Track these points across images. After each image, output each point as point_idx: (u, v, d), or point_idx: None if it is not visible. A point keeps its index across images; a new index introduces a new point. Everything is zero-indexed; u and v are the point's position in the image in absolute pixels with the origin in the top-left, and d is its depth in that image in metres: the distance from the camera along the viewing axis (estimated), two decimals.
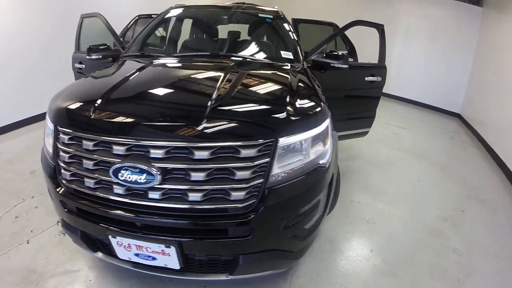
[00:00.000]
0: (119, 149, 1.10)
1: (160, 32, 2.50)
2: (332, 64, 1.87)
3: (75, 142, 1.20)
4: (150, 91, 1.40)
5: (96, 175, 1.15)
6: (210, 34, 2.40)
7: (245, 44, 2.24)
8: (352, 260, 1.76)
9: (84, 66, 2.67)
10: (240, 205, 1.07)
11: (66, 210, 1.25)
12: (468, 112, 4.96)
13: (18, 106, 3.47)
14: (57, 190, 1.24)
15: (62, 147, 1.22)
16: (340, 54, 1.87)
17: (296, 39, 2.15)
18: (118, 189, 1.12)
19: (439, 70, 5.55)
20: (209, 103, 1.18)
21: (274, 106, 1.26)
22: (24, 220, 2.02)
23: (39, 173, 2.58)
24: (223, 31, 2.57)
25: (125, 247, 1.18)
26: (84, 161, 1.17)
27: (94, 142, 1.14)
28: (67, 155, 1.21)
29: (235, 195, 1.06)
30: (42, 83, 3.64)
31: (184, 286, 1.53)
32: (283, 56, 2.00)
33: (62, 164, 1.23)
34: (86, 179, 1.17)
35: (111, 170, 1.08)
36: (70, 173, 1.21)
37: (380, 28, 2.45)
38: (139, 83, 1.49)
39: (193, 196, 1.06)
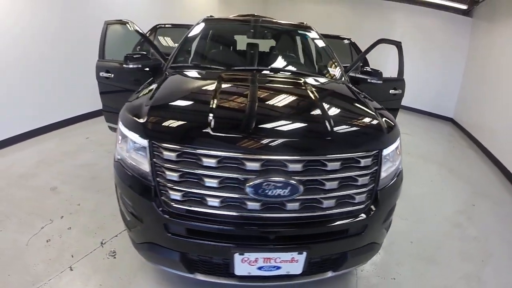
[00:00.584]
0: (254, 165, 1.21)
1: (199, 44, 2.81)
2: (369, 80, 2.38)
3: (187, 159, 1.25)
4: (258, 107, 1.53)
5: (223, 193, 1.24)
6: (255, 47, 2.74)
7: (295, 60, 2.63)
8: (399, 252, 2.26)
9: (112, 75, 2.85)
10: (361, 206, 1.38)
11: (170, 233, 1.29)
12: (462, 116, 5.92)
13: (24, 116, 3.50)
14: (161, 212, 1.27)
15: (168, 165, 1.25)
16: (374, 71, 2.40)
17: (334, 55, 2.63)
18: (253, 205, 1.25)
19: (432, 77, 6.53)
20: (329, 120, 1.43)
21: (373, 121, 1.57)
22: (59, 243, 1.96)
23: (62, 189, 2.61)
24: (263, 45, 2.94)
25: (250, 262, 1.27)
26: (207, 179, 1.23)
27: (218, 159, 1.22)
28: (176, 174, 1.25)
29: (359, 198, 1.37)
30: (49, 88, 3.71)
31: None
32: (330, 72, 2.46)
33: (170, 184, 1.26)
34: (209, 199, 1.25)
35: (248, 187, 1.20)
36: (182, 193, 1.26)
37: (398, 45, 3.05)
38: (239, 98, 1.67)
39: (328, 203, 1.32)
